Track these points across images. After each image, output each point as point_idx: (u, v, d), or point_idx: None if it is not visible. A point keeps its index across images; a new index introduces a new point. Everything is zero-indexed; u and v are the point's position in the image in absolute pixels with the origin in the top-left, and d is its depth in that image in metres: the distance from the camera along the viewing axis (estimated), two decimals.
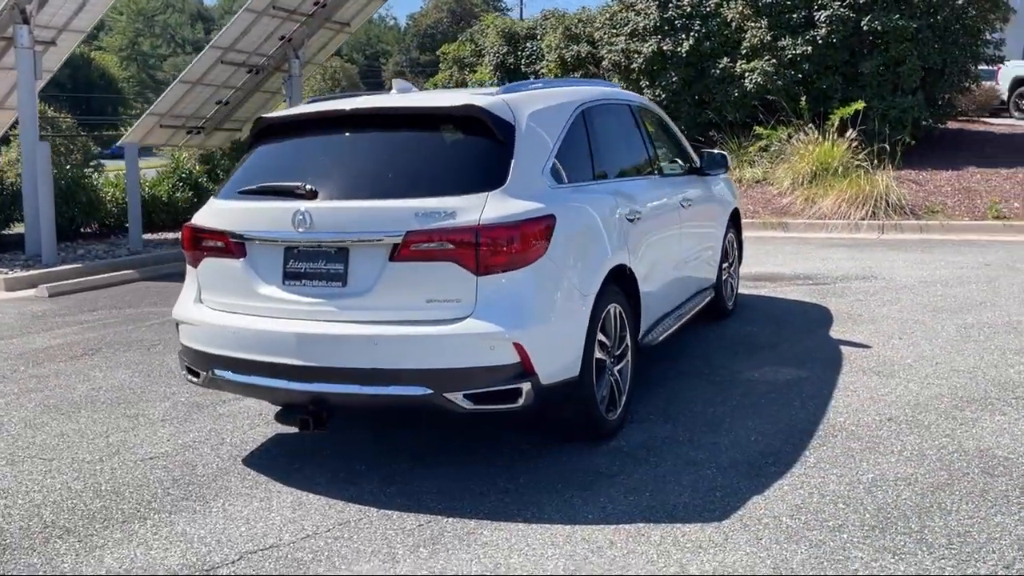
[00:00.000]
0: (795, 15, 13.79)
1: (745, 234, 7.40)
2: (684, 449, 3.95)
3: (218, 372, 3.81)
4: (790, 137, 13.53)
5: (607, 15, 15.98)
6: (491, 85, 24.37)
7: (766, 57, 13.77)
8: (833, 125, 13.03)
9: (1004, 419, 4.18)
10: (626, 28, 15.04)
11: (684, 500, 3.41)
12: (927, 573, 2.80)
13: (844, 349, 5.56)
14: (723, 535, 3.11)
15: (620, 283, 4.18)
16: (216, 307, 3.89)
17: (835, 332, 6.03)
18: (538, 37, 23.13)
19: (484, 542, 3.14)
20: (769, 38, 13.85)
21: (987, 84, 17.37)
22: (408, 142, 3.85)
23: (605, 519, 3.28)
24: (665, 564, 2.93)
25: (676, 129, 6.00)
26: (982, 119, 17.41)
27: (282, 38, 13.16)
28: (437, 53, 28.24)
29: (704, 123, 14.73)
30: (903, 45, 13.29)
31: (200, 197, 13.57)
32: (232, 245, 3.79)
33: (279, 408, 4.66)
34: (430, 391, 3.42)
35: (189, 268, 4.07)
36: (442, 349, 3.42)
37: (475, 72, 25.51)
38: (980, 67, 14.85)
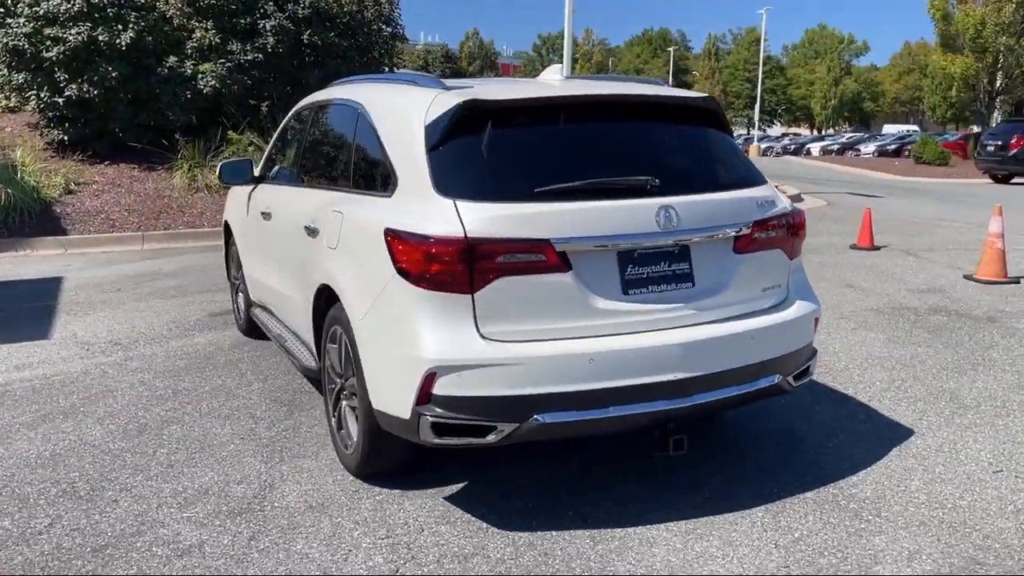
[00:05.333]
0: (241, 20, 13.57)
1: None
2: (797, 409, 4.55)
3: (545, 418, 3.00)
4: (251, 144, 13.37)
5: None
6: None
7: (220, 60, 13.26)
8: None
9: (851, 334, 5.86)
10: (33, 9, 12.45)
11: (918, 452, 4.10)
12: None
13: None
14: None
15: None
16: (520, 337, 3.05)
17: None
18: None
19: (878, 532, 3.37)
20: (218, 40, 13.34)
21: None
22: (671, 132, 3.63)
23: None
24: None
25: None
26: None
27: None
28: None
29: (144, 125, 13.31)
30: (336, 60, 14.43)
31: None
32: (555, 257, 3.02)
33: (361, 463, 3.55)
34: (779, 378, 3.46)
35: (442, 296, 2.99)
36: (792, 334, 3.52)
37: None
38: None
